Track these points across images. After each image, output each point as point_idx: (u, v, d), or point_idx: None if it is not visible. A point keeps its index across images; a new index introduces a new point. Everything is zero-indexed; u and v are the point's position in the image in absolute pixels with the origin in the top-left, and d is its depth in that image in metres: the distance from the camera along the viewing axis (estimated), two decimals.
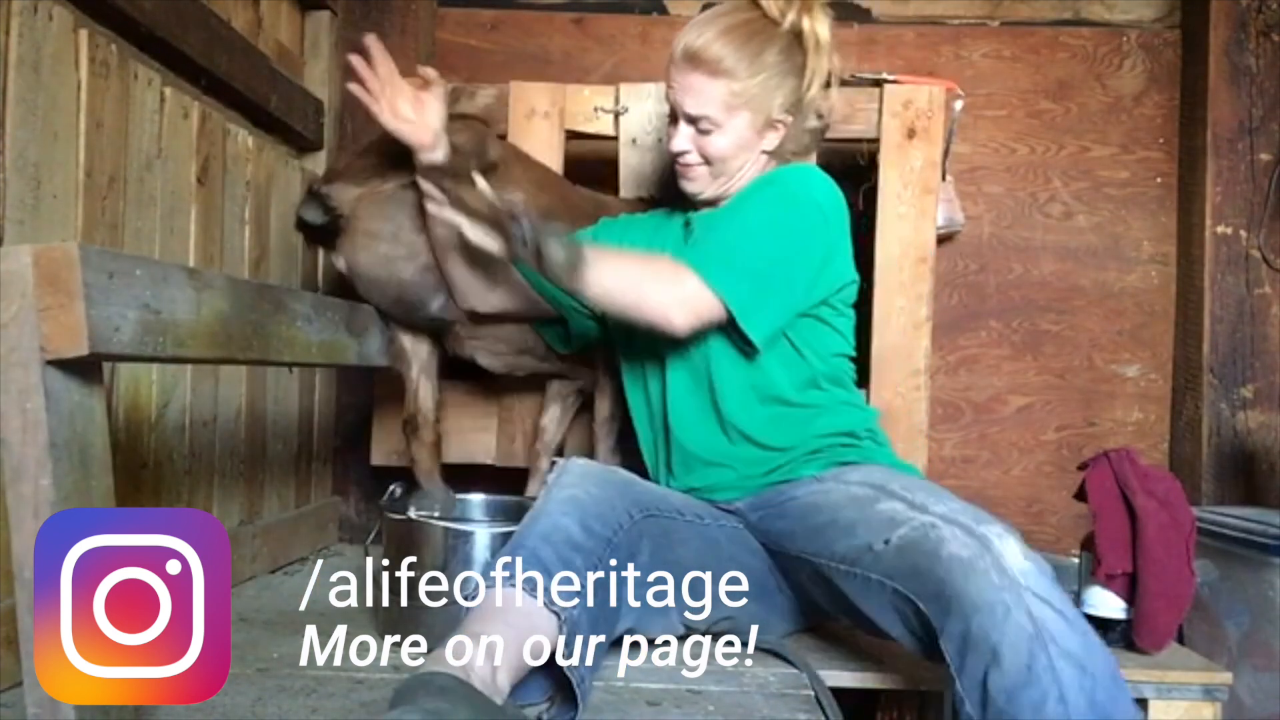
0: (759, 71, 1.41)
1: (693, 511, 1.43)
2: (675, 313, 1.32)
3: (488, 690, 1.00)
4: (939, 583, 1.12)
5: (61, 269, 0.82)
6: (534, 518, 1.24)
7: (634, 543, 1.28)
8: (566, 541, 1.19)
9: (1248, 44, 2.28)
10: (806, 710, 1.17)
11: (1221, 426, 2.27)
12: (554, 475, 1.33)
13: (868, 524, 1.25)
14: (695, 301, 1.33)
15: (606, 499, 1.28)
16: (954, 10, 2.46)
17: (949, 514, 1.18)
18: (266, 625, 1.46)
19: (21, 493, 0.83)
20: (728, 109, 1.41)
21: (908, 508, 1.22)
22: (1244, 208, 2.28)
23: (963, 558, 1.11)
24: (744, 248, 1.37)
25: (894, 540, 1.19)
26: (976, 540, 1.12)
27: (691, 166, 1.48)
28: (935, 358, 2.37)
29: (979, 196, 2.44)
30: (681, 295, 1.32)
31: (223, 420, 1.67)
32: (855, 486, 1.33)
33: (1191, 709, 1.47)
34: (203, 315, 1.01)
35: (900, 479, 1.33)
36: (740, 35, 1.40)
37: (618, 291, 1.33)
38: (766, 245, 1.38)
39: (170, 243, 1.50)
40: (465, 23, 2.44)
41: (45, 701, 0.84)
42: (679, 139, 1.46)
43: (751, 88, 1.41)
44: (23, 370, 0.83)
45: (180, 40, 1.49)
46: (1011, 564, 1.09)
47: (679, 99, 1.44)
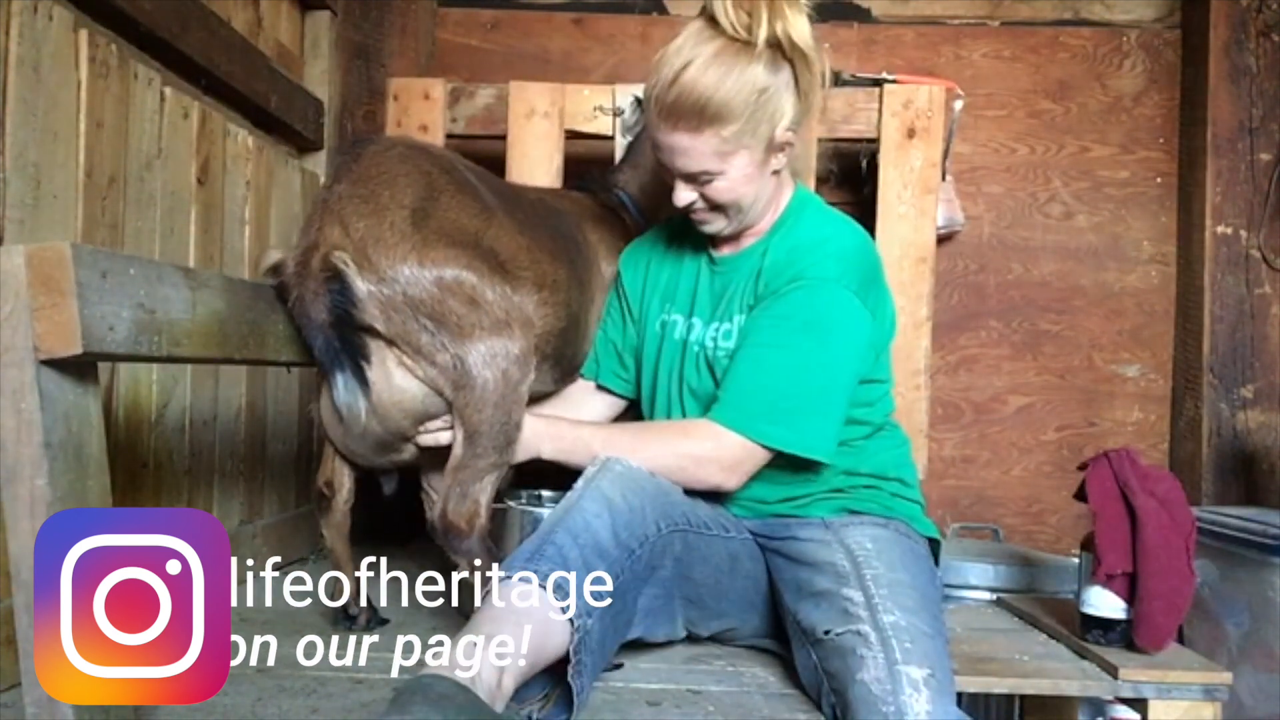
0: (745, 107, 1.29)
1: (718, 524, 1.39)
2: (728, 483, 1.33)
3: (490, 695, 0.99)
4: (846, 703, 1.14)
5: (54, 268, 0.82)
6: (567, 510, 1.21)
7: (657, 557, 1.27)
8: (594, 546, 1.17)
9: (1248, 44, 2.28)
10: (806, 710, 1.17)
11: (1221, 426, 2.27)
12: (595, 468, 1.29)
13: (830, 605, 1.24)
14: (746, 464, 1.32)
15: (640, 508, 1.25)
16: (954, 10, 2.46)
17: (887, 630, 1.17)
18: (266, 625, 1.46)
19: (17, 493, 0.83)
20: (721, 157, 1.32)
21: (863, 606, 1.21)
22: (1244, 208, 2.28)
23: (871, 692, 1.11)
24: (785, 387, 1.30)
25: (833, 635, 1.19)
26: (890, 680, 1.12)
27: (703, 213, 1.40)
28: (935, 358, 2.37)
29: (979, 196, 2.44)
30: (727, 464, 1.32)
31: (223, 420, 1.67)
32: (841, 556, 1.30)
33: (1191, 709, 1.47)
34: (198, 314, 1.01)
35: (886, 558, 1.30)
36: (714, 74, 1.27)
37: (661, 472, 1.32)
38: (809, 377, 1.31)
39: (170, 243, 1.49)
40: (465, 23, 2.45)
41: (45, 701, 0.84)
42: (682, 194, 1.38)
43: (741, 127, 1.29)
44: (17, 370, 0.83)
45: (180, 40, 1.49)
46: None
47: (670, 160, 1.34)
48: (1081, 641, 1.56)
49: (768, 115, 1.31)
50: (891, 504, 1.42)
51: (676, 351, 1.47)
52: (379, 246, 1.22)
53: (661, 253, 1.57)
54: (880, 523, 1.38)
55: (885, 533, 1.36)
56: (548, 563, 1.12)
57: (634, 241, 1.63)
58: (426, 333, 1.23)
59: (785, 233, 1.43)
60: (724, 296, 1.44)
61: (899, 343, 1.84)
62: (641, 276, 1.56)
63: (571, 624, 1.09)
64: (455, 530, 1.26)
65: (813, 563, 1.32)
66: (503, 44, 2.44)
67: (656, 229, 1.64)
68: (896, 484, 1.44)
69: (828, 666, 1.19)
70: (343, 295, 1.20)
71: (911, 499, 1.46)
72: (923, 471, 1.85)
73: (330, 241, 1.21)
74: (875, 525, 1.37)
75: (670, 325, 1.49)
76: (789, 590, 1.33)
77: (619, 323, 1.58)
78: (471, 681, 0.98)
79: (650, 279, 1.55)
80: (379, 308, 1.22)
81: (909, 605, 1.21)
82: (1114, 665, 1.47)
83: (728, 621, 1.41)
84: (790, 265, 1.37)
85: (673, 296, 1.51)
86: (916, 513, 1.45)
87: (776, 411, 1.30)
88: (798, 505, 1.40)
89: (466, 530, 1.26)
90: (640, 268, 1.57)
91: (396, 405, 1.27)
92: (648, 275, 1.56)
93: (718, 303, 1.45)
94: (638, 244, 1.62)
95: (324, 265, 1.20)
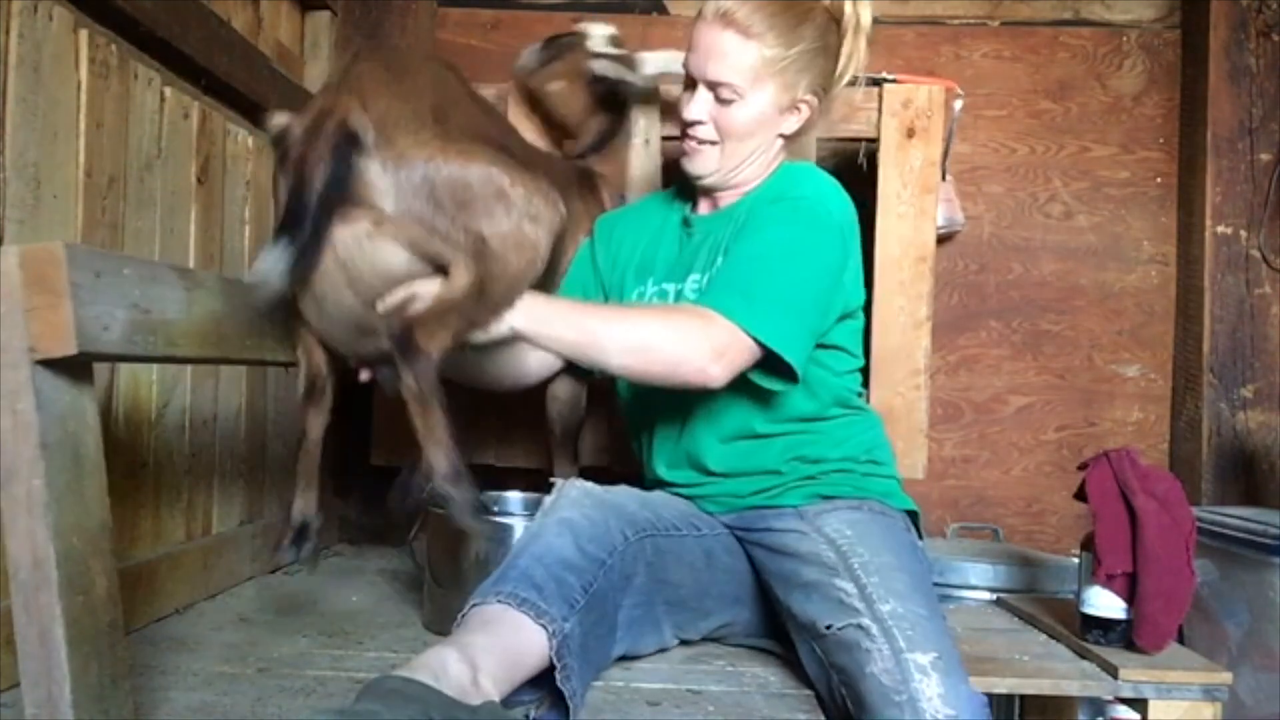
0: (794, 43, 1.32)
1: (688, 523, 1.40)
2: (713, 370, 1.22)
3: (461, 693, 0.96)
4: (859, 695, 1.14)
5: (48, 269, 0.82)
6: (528, 541, 1.22)
7: (629, 565, 1.27)
8: (559, 561, 1.17)
9: (1248, 44, 2.28)
10: (806, 710, 1.17)
11: (1221, 426, 2.27)
12: (552, 497, 1.31)
13: (822, 597, 1.24)
14: (731, 351, 1.23)
15: (602, 521, 1.26)
16: (954, 10, 2.46)
17: (887, 620, 1.17)
18: (266, 625, 1.46)
19: (14, 494, 0.83)
20: (755, 77, 1.33)
21: (857, 597, 1.21)
22: (1244, 208, 2.28)
23: (883, 684, 1.12)
24: (769, 277, 1.27)
25: (835, 630, 1.20)
26: (899, 669, 1.12)
27: (702, 142, 1.39)
28: (935, 358, 2.37)
29: (979, 196, 2.44)
30: (716, 347, 1.21)
31: (223, 420, 1.67)
32: (824, 546, 1.29)
33: (1191, 709, 1.47)
34: (194, 314, 1.01)
35: (868, 542, 1.29)
36: (780, 2, 1.32)
37: (642, 364, 1.23)
38: (791, 271, 1.29)
39: (170, 243, 1.50)
40: (465, 23, 2.45)
41: (45, 701, 0.84)
42: (695, 105, 1.36)
43: (783, 58, 1.32)
44: (12, 371, 0.82)
45: (180, 40, 1.49)
46: (926, 708, 1.09)
47: (701, 63, 1.34)
48: (1081, 641, 1.56)
49: (804, 64, 1.35)
50: (864, 484, 1.41)
51: None
52: (399, 128, 1.14)
53: (637, 228, 1.56)
54: (854, 504, 1.37)
55: (860, 515, 1.35)
56: (512, 584, 1.12)
57: (607, 214, 1.64)
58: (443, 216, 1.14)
59: (770, 182, 1.43)
60: (701, 250, 1.43)
61: (899, 342, 1.85)
62: (614, 249, 1.55)
63: (546, 629, 1.08)
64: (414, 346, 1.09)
65: (794, 553, 1.32)
66: (503, 44, 2.44)
67: (632, 206, 1.65)
68: (869, 465, 1.44)
69: (834, 660, 1.20)
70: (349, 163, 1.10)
71: (885, 475, 1.45)
72: (923, 471, 1.85)
73: (346, 109, 1.12)
74: (849, 509, 1.36)
75: (648, 296, 1.47)
76: (777, 583, 1.33)
77: (583, 286, 1.56)
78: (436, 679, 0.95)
79: (624, 253, 1.54)
80: (391, 185, 1.12)
81: (901, 591, 1.21)
82: (1114, 665, 1.47)
83: (716, 619, 1.40)
84: (772, 201, 1.38)
85: (650, 268, 1.50)
86: (892, 488, 1.45)
87: (758, 302, 1.25)
88: (770, 496, 1.40)
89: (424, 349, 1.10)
90: (614, 240, 1.56)
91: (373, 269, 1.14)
92: (620, 249, 1.55)
93: (694, 258, 1.43)
94: (611, 216, 1.63)
95: (339, 130, 1.10)
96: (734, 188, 1.44)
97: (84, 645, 0.85)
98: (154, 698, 1.11)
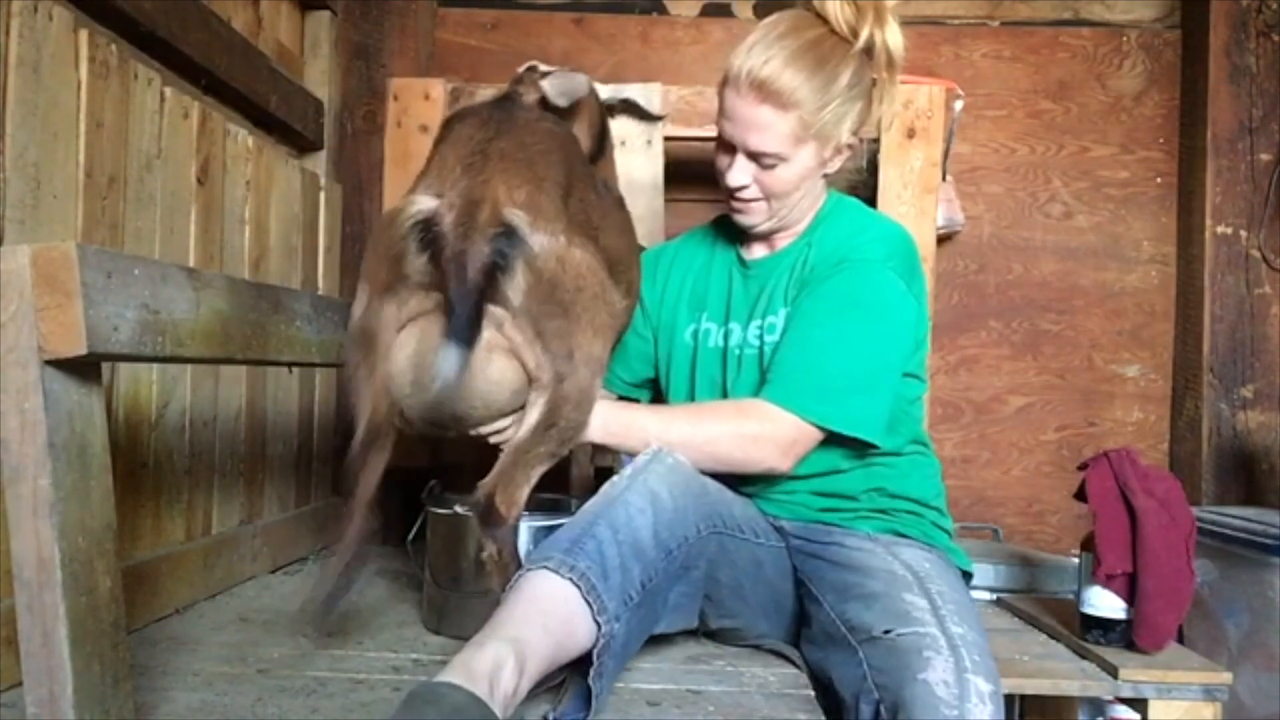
0: (830, 99, 1.30)
1: (750, 527, 1.39)
2: (782, 465, 1.30)
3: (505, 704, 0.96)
4: (900, 700, 1.10)
5: (59, 269, 0.82)
6: (610, 500, 1.20)
7: (692, 558, 1.27)
8: (633, 545, 1.15)
9: (1248, 44, 2.28)
10: (807, 710, 1.17)
11: (1221, 426, 2.27)
12: (645, 458, 1.27)
13: (885, 606, 1.22)
14: (799, 446, 1.29)
15: (683, 509, 1.24)
16: (954, 10, 2.46)
17: (956, 640, 1.15)
18: (266, 625, 1.46)
19: (20, 493, 0.83)
20: (796, 142, 1.31)
21: (928, 611, 1.19)
22: (1244, 208, 2.28)
23: (935, 694, 1.08)
24: (836, 364, 1.29)
25: (894, 635, 1.17)
26: (959, 685, 1.09)
27: (750, 201, 1.39)
28: (935, 358, 2.37)
29: (979, 196, 2.44)
30: (782, 446, 1.28)
31: (223, 420, 1.67)
32: (899, 566, 1.29)
33: (1191, 709, 1.47)
34: (201, 315, 1.01)
35: (945, 579, 1.29)
36: (811, 59, 1.29)
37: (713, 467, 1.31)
38: (859, 355, 1.30)
39: (170, 243, 1.49)
40: (465, 23, 2.45)
41: (46, 700, 0.84)
42: (738, 173, 1.36)
43: (822, 118, 1.30)
44: (21, 370, 0.83)
45: (180, 40, 1.49)
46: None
47: (741, 135, 1.32)
48: (1081, 641, 1.56)
49: (841, 115, 1.33)
50: (932, 534, 1.42)
51: (715, 359, 1.46)
52: (539, 217, 1.12)
53: (685, 262, 1.56)
54: (925, 549, 1.38)
55: (935, 557, 1.36)
56: (585, 558, 1.10)
57: (648, 251, 1.61)
58: (556, 318, 1.14)
59: (828, 227, 1.43)
60: (761, 295, 1.43)
61: None
62: (661, 286, 1.55)
63: (599, 626, 1.08)
64: (497, 517, 1.17)
65: (862, 567, 1.30)
66: (503, 44, 2.44)
67: (673, 242, 1.63)
68: (935, 513, 1.45)
69: (878, 664, 1.17)
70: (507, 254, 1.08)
71: (947, 529, 1.46)
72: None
73: (497, 197, 1.10)
74: (922, 550, 1.37)
75: (705, 334, 1.48)
76: (830, 593, 1.31)
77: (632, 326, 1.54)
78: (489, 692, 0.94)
79: (672, 288, 1.54)
80: (531, 277, 1.11)
81: (973, 624, 1.21)
82: (1114, 665, 1.47)
83: (736, 622, 1.40)
84: (836, 252, 1.37)
85: (703, 304, 1.50)
86: (956, 548, 1.46)
87: (825, 391, 1.28)
88: (843, 517, 1.40)
89: (506, 517, 1.18)
90: (660, 277, 1.56)
91: (484, 395, 1.16)
92: (668, 284, 1.55)
93: (755, 303, 1.44)
94: (654, 253, 1.61)
95: (493, 219, 1.09)
96: (787, 228, 1.45)
97: (86, 645, 0.85)
98: (154, 698, 1.11)
